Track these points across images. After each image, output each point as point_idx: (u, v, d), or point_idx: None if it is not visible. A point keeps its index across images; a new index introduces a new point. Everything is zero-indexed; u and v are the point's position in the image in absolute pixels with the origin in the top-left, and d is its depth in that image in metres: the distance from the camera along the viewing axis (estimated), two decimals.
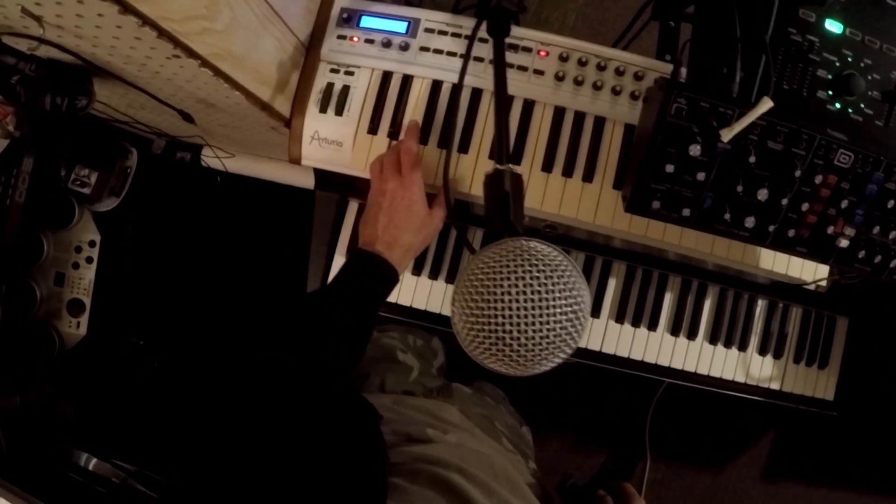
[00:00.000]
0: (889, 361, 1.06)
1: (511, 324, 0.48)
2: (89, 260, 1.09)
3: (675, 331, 0.92)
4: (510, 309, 0.48)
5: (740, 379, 0.94)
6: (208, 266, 1.37)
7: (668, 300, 0.92)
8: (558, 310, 0.48)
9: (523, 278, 0.48)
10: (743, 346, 0.94)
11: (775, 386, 0.95)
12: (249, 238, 1.36)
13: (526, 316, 0.47)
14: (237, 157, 1.06)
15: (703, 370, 0.93)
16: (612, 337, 0.91)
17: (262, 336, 0.63)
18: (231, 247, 1.38)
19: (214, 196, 1.16)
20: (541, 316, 0.47)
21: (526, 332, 0.48)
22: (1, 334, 0.95)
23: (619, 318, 0.91)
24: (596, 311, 0.90)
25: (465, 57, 0.71)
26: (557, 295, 0.48)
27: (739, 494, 1.71)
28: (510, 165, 0.60)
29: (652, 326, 0.91)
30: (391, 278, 0.70)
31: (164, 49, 0.63)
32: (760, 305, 0.95)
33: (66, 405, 1.11)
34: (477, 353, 0.50)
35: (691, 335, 0.93)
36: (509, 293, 0.48)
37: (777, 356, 0.95)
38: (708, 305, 0.93)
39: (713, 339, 0.93)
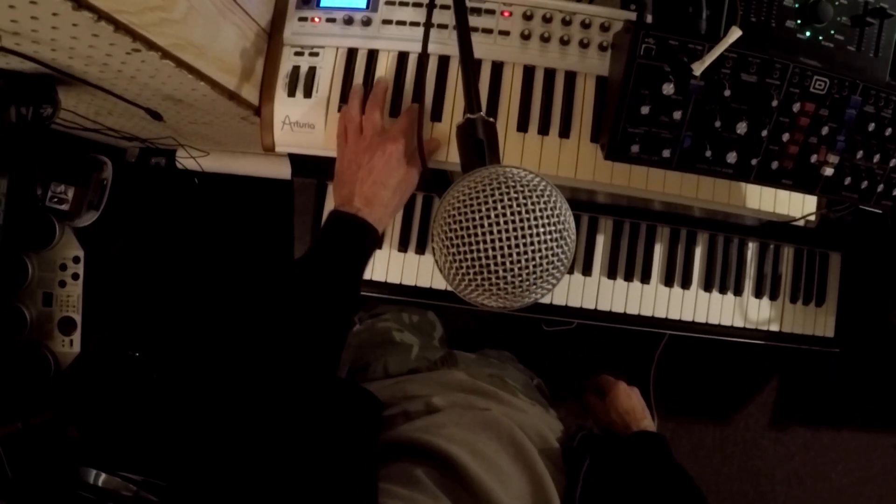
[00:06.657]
0: (886, 292, 1.05)
1: (494, 249, 0.46)
2: (75, 276, 1.08)
3: (668, 281, 0.91)
4: (491, 234, 0.46)
5: (739, 324, 0.94)
6: (197, 269, 1.36)
7: (659, 251, 0.92)
8: (542, 230, 0.46)
9: (501, 201, 0.46)
10: (738, 291, 0.94)
11: (774, 328, 0.95)
12: (234, 235, 1.36)
13: (509, 239, 0.45)
14: (211, 155, 1.05)
15: (700, 318, 0.92)
16: (605, 293, 0.90)
17: (252, 317, 0.61)
18: (217, 246, 1.37)
19: (194, 198, 1.15)
20: (524, 237, 0.45)
21: (511, 256, 0.46)
22: None
23: (612, 274, 0.90)
24: (587, 269, 0.90)
25: (426, 24, 0.70)
26: (538, 215, 0.46)
27: (749, 444, 1.71)
28: (481, 113, 0.59)
29: (645, 279, 0.91)
30: (372, 237, 0.69)
31: (124, 44, 0.62)
32: (751, 248, 0.94)
33: (69, 427, 1.10)
34: (462, 288, 0.48)
35: (685, 284, 0.92)
36: (489, 217, 0.46)
37: (773, 298, 0.95)
38: (699, 253, 0.93)
39: (707, 287, 0.93)
